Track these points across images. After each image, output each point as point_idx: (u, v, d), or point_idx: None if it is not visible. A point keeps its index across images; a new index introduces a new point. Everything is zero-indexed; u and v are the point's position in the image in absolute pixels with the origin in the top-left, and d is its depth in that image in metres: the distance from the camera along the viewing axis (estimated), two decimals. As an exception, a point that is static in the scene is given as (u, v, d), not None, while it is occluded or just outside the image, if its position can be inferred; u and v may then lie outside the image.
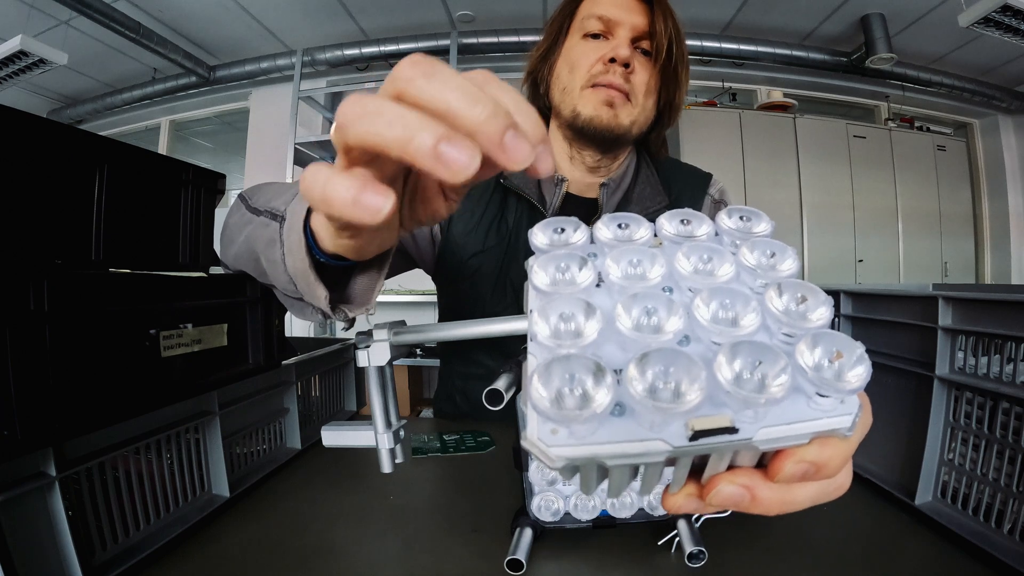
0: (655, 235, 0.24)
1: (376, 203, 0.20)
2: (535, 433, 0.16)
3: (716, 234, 0.24)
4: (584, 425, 0.16)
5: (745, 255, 0.21)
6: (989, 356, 0.45)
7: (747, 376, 0.16)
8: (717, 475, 0.19)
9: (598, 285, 0.21)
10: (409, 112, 0.19)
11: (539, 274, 0.21)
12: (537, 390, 0.16)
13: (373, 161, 0.22)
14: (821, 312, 0.18)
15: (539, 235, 0.24)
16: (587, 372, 0.16)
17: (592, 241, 0.24)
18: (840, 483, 0.20)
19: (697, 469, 0.19)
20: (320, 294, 0.36)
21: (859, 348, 0.17)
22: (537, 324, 0.18)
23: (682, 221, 0.24)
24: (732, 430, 0.16)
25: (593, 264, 0.21)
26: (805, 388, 0.17)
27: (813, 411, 0.17)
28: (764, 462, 0.19)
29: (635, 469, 0.18)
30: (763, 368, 0.16)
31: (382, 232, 0.31)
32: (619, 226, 0.24)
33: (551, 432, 0.16)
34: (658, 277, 0.21)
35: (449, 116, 0.19)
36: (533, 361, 0.18)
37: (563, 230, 0.24)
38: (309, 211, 0.34)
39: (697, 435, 0.16)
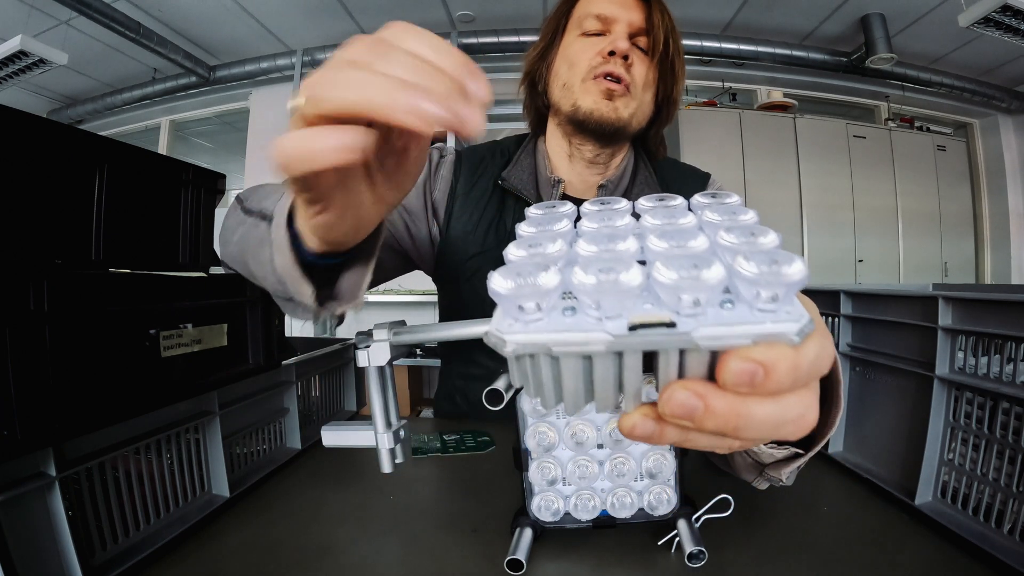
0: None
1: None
2: (494, 325, 0.19)
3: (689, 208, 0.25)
4: (536, 317, 0.18)
5: (709, 215, 0.23)
6: (989, 356, 0.45)
7: (684, 274, 0.17)
8: (670, 383, 0.19)
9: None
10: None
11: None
12: (499, 283, 0.18)
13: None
14: (771, 237, 0.19)
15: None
16: (538, 268, 0.18)
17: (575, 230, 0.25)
18: (799, 414, 0.19)
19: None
20: (305, 291, 0.36)
21: (798, 257, 0.17)
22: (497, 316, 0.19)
23: (659, 199, 0.25)
24: (671, 324, 0.17)
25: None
26: (747, 297, 0.17)
27: (757, 316, 0.17)
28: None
29: (588, 374, 0.19)
30: (700, 269, 0.17)
31: (348, 201, 0.30)
32: (601, 203, 0.26)
33: (508, 324, 0.18)
34: (625, 228, 0.22)
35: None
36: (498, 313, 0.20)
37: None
38: (293, 208, 0.35)
39: (636, 327, 0.17)
